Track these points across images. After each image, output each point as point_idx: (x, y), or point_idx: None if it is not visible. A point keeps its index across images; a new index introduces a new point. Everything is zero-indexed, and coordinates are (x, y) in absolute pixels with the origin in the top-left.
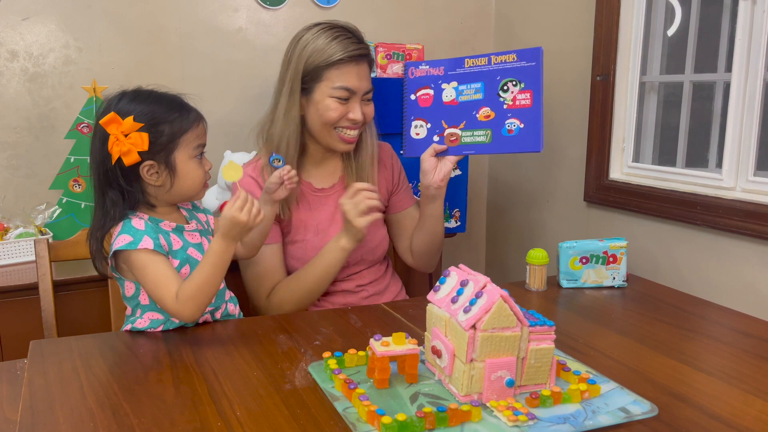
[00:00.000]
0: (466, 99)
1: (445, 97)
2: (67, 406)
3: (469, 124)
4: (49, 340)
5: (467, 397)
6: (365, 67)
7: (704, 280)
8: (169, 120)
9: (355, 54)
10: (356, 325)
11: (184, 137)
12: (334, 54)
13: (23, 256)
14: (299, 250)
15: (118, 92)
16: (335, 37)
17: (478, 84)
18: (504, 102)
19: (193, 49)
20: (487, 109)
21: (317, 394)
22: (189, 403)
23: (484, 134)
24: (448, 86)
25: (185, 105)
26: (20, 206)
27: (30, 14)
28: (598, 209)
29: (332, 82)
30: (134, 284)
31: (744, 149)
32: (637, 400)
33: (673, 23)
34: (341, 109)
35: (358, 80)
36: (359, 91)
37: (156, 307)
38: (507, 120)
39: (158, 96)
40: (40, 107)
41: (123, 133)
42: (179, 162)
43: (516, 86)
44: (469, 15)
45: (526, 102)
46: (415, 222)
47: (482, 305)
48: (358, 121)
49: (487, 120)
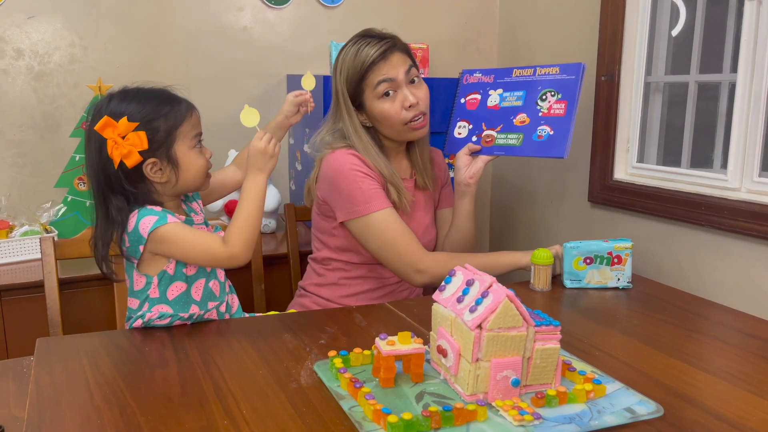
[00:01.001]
0: (507, 105)
1: (490, 102)
2: (74, 403)
3: (505, 128)
4: (56, 338)
5: (473, 397)
6: (396, 55)
7: (709, 281)
8: (163, 114)
9: (377, 54)
10: (361, 324)
11: (180, 129)
12: (362, 65)
13: (29, 254)
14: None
15: (106, 96)
16: (358, 50)
17: (521, 92)
18: (540, 110)
19: (198, 48)
20: (523, 115)
21: (323, 392)
22: (195, 402)
23: (516, 138)
24: (494, 92)
25: (174, 97)
26: (26, 204)
27: (36, 13)
28: (602, 210)
29: (372, 85)
30: (145, 277)
31: (749, 150)
32: (643, 401)
33: (678, 23)
34: (395, 104)
35: (391, 68)
36: (397, 76)
37: (166, 300)
38: (539, 126)
39: (146, 92)
40: (46, 105)
41: (120, 136)
42: (180, 154)
43: (554, 96)
44: (474, 14)
45: (560, 111)
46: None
47: (488, 305)
48: (414, 104)
49: (522, 125)
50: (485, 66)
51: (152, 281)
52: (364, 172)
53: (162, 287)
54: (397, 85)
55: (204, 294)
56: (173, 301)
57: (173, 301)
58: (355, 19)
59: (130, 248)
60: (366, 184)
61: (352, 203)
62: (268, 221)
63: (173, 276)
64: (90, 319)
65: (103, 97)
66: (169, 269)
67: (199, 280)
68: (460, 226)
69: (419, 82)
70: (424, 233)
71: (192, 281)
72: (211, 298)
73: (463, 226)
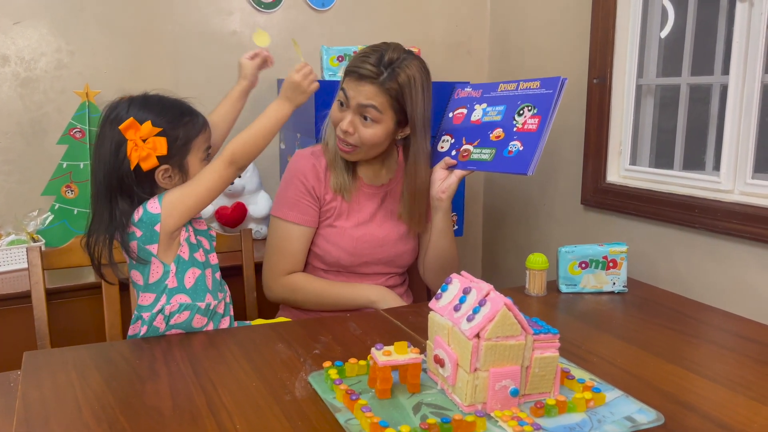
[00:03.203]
0: (488, 119)
1: (474, 116)
2: (62, 419)
3: (482, 143)
4: (43, 351)
5: (471, 407)
6: (367, 86)
7: (703, 284)
8: (183, 124)
9: (354, 69)
10: (355, 332)
11: (195, 141)
12: (346, 68)
13: (15, 264)
14: (336, 234)
15: (125, 99)
16: (357, 55)
17: (502, 107)
18: (515, 125)
19: (187, 52)
20: (499, 130)
21: (318, 405)
22: (187, 416)
23: (489, 153)
24: (479, 107)
25: (193, 110)
26: (12, 213)
27: (21, 18)
28: (595, 213)
29: (341, 87)
30: (162, 265)
31: (742, 152)
32: (643, 409)
33: (666, 25)
34: (337, 114)
35: (351, 91)
36: (349, 101)
37: (184, 290)
38: (511, 141)
39: (167, 101)
40: (32, 112)
41: (141, 138)
42: (191, 165)
43: (530, 111)
44: (465, 17)
45: (533, 126)
46: None
47: (486, 314)
48: (345, 131)
49: (497, 140)
50: (476, 69)
51: (170, 269)
52: (301, 180)
53: (179, 275)
54: (348, 105)
55: (213, 283)
56: (191, 289)
57: (191, 289)
58: (345, 23)
59: (144, 236)
60: (292, 191)
61: (276, 201)
62: (260, 227)
63: (188, 261)
64: (79, 331)
65: (122, 99)
66: (183, 253)
67: (208, 269)
68: (435, 243)
69: (371, 124)
70: (393, 245)
71: (204, 268)
72: (220, 289)
73: (439, 243)
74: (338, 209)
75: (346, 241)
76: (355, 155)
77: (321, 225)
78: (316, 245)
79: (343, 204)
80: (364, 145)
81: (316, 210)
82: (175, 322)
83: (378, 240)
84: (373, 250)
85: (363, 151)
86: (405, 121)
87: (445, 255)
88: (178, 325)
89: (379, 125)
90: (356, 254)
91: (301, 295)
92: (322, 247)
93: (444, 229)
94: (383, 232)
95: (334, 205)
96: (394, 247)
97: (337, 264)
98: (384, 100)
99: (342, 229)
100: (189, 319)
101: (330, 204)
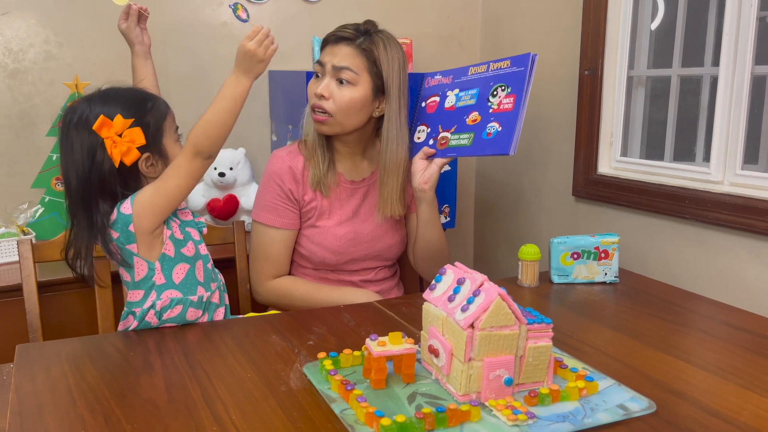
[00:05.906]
0: (462, 104)
1: (447, 103)
2: (56, 412)
3: (459, 128)
4: (36, 344)
5: (465, 397)
6: (342, 46)
7: (693, 274)
8: (149, 110)
9: (330, 37)
10: (350, 324)
11: (165, 123)
12: (325, 37)
13: (6, 257)
14: (319, 234)
15: (83, 99)
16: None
17: (474, 90)
18: (491, 106)
19: (177, 43)
20: (475, 113)
21: (313, 395)
22: (183, 408)
23: (468, 137)
24: (451, 93)
25: (151, 94)
26: (2, 205)
27: (9, 9)
28: (586, 204)
29: (318, 59)
30: (146, 263)
31: (732, 143)
32: (635, 397)
33: (656, 16)
34: (313, 87)
35: (331, 55)
36: (326, 63)
37: (174, 285)
38: (489, 123)
39: (125, 91)
40: (21, 104)
41: (117, 134)
42: (168, 147)
43: (504, 91)
44: (457, 9)
45: (509, 106)
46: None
47: (480, 304)
48: (319, 95)
49: (474, 124)
50: (467, 61)
51: (155, 267)
52: (278, 183)
53: (166, 272)
54: (323, 72)
55: (205, 274)
56: (180, 284)
57: (180, 284)
58: (337, 14)
59: (122, 237)
60: (270, 194)
61: (255, 204)
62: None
63: (174, 258)
64: (71, 324)
65: (80, 100)
66: (168, 251)
67: (198, 261)
68: (422, 235)
69: (347, 86)
70: (379, 239)
71: (193, 261)
72: (212, 279)
73: (426, 235)
74: (319, 209)
75: (329, 240)
76: (330, 125)
77: (303, 226)
78: (301, 246)
79: (324, 202)
80: (340, 111)
81: (295, 212)
82: (168, 316)
83: (363, 236)
84: (359, 246)
85: (338, 121)
86: (382, 90)
87: (433, 246)
88: (171, 319)
89: (355, 88)
90: (341, 252)
91: (288, 300)
92: (307, 248)
93: (430, 220)
94: (368, 228)
95: (314, 205)
96: (381, 241)
97: (323, 263)
98: (360, 62)
99: (325, 228)
100: (182, 313)
101: (310, 204)
